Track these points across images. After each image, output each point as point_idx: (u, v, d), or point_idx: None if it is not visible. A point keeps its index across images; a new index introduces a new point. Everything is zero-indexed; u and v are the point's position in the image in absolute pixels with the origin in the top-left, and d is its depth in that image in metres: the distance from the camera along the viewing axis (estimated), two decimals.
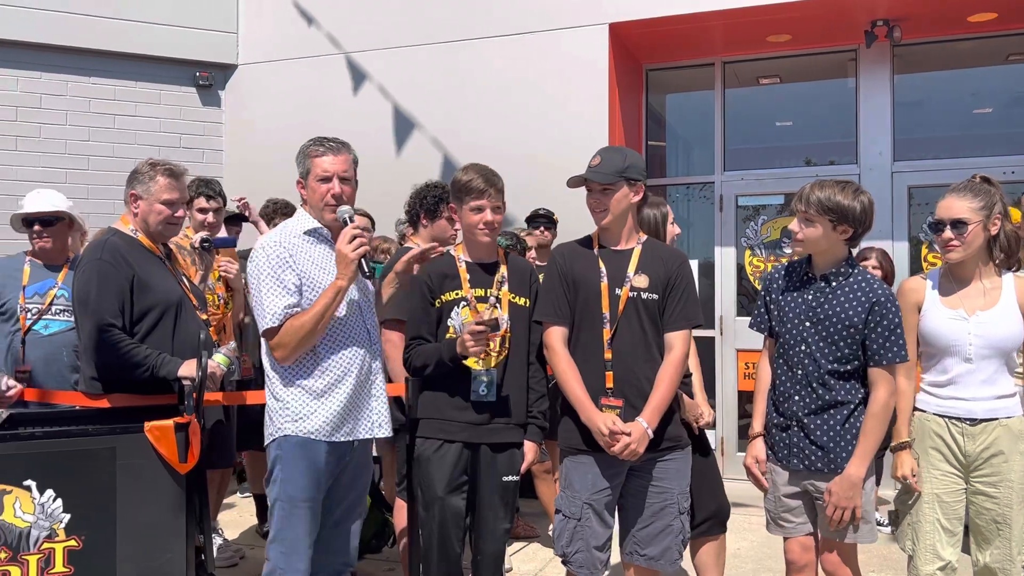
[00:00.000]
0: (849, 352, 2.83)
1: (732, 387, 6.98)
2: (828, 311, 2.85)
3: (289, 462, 2.82)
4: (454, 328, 3.06)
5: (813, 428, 2.86)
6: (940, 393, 2.96)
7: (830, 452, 2.84)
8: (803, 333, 2.89)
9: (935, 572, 2.90)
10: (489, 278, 3.13)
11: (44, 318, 3.98)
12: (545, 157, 6.35)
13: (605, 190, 2.94)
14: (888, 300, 2.82)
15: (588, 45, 6.46)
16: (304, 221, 2.99)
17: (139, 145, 7.07)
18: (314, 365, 2.87)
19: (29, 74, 6.79)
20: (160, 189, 3.37)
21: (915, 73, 6.93)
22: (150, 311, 3.27)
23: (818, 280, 2.91)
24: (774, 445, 3.00)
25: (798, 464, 2.91)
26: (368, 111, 6.94)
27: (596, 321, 2.92)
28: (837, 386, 2.84)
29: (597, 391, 2.89)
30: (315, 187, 2.95)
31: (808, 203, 2.82)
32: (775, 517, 3.03)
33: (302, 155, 2.98)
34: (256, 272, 2.88)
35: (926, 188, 6.58)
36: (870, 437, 2.80)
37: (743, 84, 7.34)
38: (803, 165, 7.18)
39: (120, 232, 3.41)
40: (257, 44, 7.40)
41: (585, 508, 2.89)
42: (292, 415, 2.83)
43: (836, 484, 2.81)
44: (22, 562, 2.72)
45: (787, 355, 2.94)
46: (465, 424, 3.03)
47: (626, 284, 2.93)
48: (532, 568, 4.68)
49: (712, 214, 7.17)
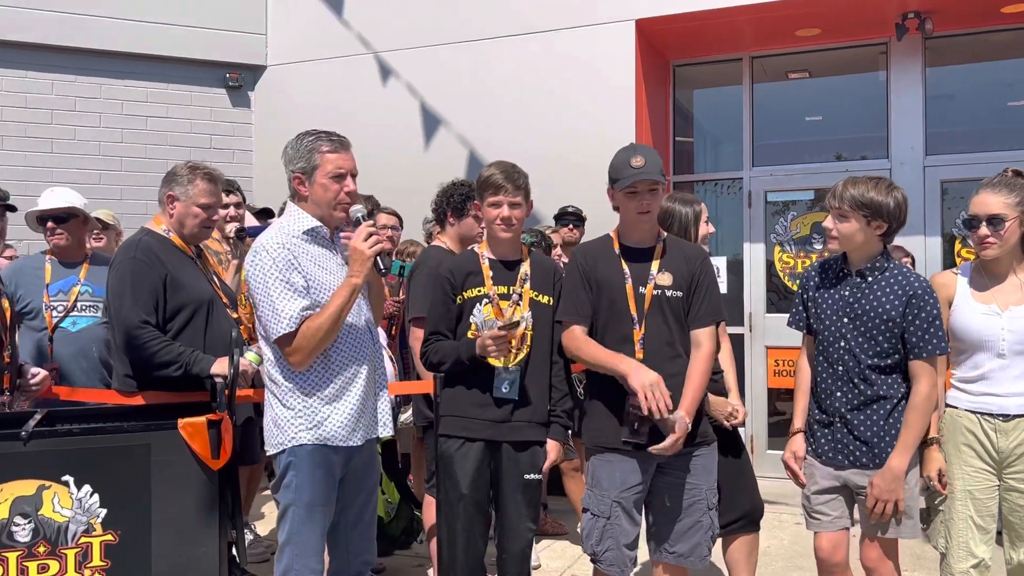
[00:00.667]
0: (888, 346, 2.82)
1: (762, 384, 6.93)
2: (865, 306, 2.85)
3: (304, 469, 2.77)
4: (475, 325, 3.07)
5: (856, 424, 2.86)
6: (972, 389, 2.92)
7: (874, 447, 2.84)
8: (842, 329, 2.89)
9: (968, 570, 2.87)
10: (512, 275, 3.13)
11: (71, 315, 4.04)
12: (572, 155, 6.35)
13: (653, 190, 2.92)
14: (926, 292, 2.81)
15: (614, 42, 6.45)
16: (303, 220, 2.85)
17: (171, 147, 7.17)
18: (325, 370, 2.79)
19: (64, 77, 6.91)
20: (199, 193, 3.43)
21: (947, 66, 6.83)
22: (182, 309, 3.31)
23: (854, 276, 2.91)
24: (816, 442, 2.99)
25: (843, 460, 2.90)
26: (396, 110, 6.98)
27: (624, 322, 2.91)
28: (879, 381, 2.84)
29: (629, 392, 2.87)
30: (326, 184, 2.81)
31: (842, 200, 2.84)
32: (811, 511, 3.02)
33: (305, 150, 2.82)
34: (262, 276, 2.74)
35: (959, 182, 6.49)
36: (912, 429, 2.79)
37: (771, 79, 7.28)
38: (833, 160, 7.11)
39: (153, 232, 3.46)
40: (285, 45, 7.47)
41: (614, 506, 2.89)
42: (306, 423, 2.76)
43: (879, 477, 2.80)
44: (61, 556, 2.77)
45: (827, 352, 2.94)
46: (487, 422, 3.04)
47: (650, 282, 2.93)
48: (560, 565, 4.69)
49: (741, 210, 7.12)
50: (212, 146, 7.34)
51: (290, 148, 2.87)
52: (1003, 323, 2.85)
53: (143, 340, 3.21)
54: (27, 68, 6.78)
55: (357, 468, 2.92)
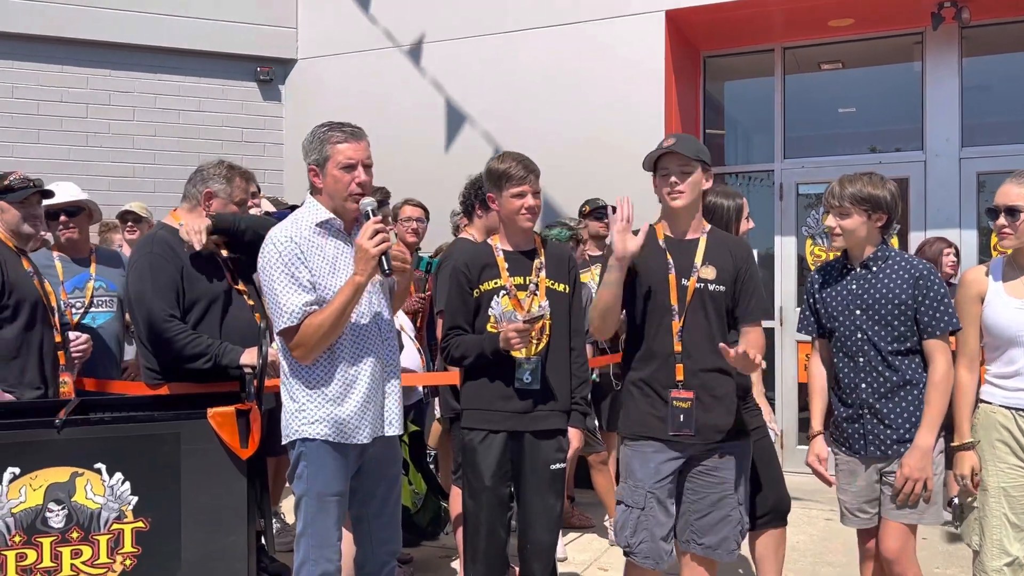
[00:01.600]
0: (905, 329, 2.88)
1: (792, 378, 6.87)
2: (875, 295, 2.92)
3: (314, 460, 2.78)
4: (494, 317, 3.07)
5: (886, 412, 2.89)
6: (1007, 385, 2.88)
7: (905, 434, 2.87)
8: (856, 321, 2.93)
9: (1002, 567, 2.84)
10: (528, 264, 3.14)
11: (91, 311, 4.09)
12: (601, 148, 6.33)
13: (684, 171, 2.89)
14: (930, 272, 2.90)
15: (644, 33, 6.41)
16: (316, 212, 2.84)
17: (203, 140, 7.25)
18: (329, 367, 2.78)
19: (99, 72, 7.01)
20: (238, 190, 3.51)
21: (984, 56, 6.70)
22: (198, 302, 3.35)
23: (858, 269, 2.99)
24: (847, 439, 3.00)
25: (875, 451, 2.93)
26: (425, 103, 6.99)
27: (664, 313, 2.90)
28: (903, 366, 2.88)
29: (666, 384, 2.88)
30: (337, 176, 2.79)
31: (842, 198, 2.96)
32: (853, 509, 3.03)
33: (317, 141, 2.83)
34: (268, 269, 2.74)
35: (996, 175, 6.36)
36: (934, 406, 2.84)
37: (804, 70, 7.19)
38: (866, 152, 7.01)
39: (168, 226, 3.50)
40: (316, 39, 7.51)
41: (649, 497, 2.87)
42: (309, 417, 2.77)
43: (908, 456, 2.83)
44: (93, 542, 2.82)
45: (845, 347, 2.97)
46: (509, 413, 3.04)
47: (693, 275, 2.91)
48: (587, 558, 4.69)
49: (772, 203, 7.05)
50: (243, 139, 7.41)
51: (306, 141, 2.88)
52: None
53: (172, 334, 3.25)
54: (64, 63, 6.88)
55: (374, 459, 2.91)
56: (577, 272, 3.26)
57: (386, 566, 2.99)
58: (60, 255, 4.16)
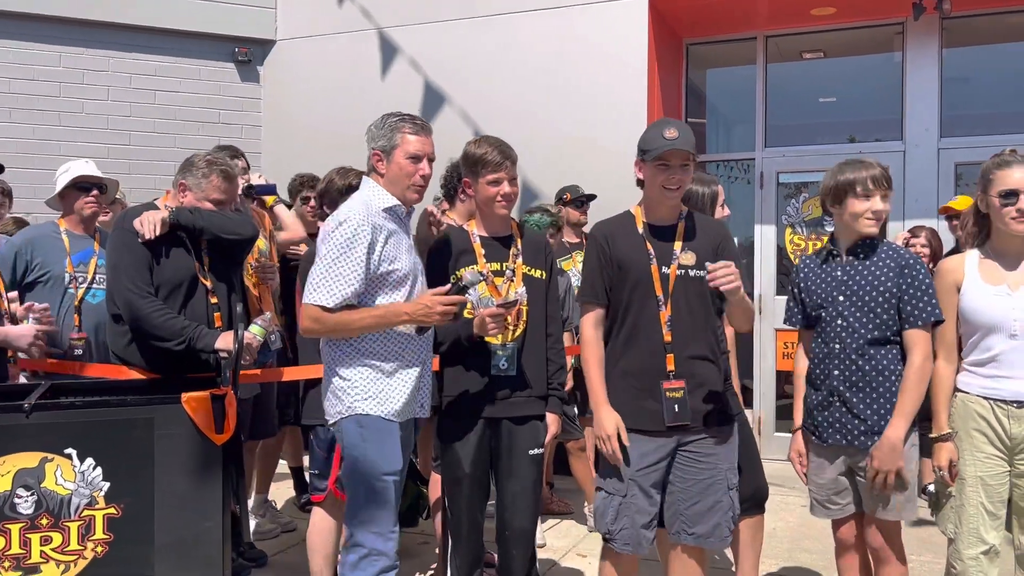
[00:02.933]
0: (888, 317, 2.87)
1: (770, 366, 6.90)
2: (860, 282, 2.91)
3: (373, 440, 2.77)
4: (471, 304, 3.05)
5: (856, 402, 2.88)
6: (983, 373, 2.88)
7: (873, 425, 2.86)
8: (838, 307, 2.93)
9: (978, 555, 2.85)
10: (504, 251, 3.12)
11: (92, 287, 4.03)
12: (582, 133, 6.30)
13: (685, 166, 2.86)
14: (916, 262, 2.89)
15: (627, 19, 6.37)
16: (383, 197, 2.89)
17: (179, 121, 7.14)
18: (400, 345, 2.84)
19: (72, 50, 6.87)
20: (212, 188, 3.42)
21: (964, 47, 6.73)
22: (161, 286, 3.31)
23: (845, 256, 2.98)
24: (816, 427, 2.98)
25: (840, 439, 2.91)
26: (405, 86, 6.92)
27: (650, 303, 2.87)
28: (878, 356, 2.87)
29: (658, 375, 2.84)
30: (403, 164, 2.86)
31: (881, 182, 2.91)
32: (822, 500, 3.02)
33: (388, 128, 2.88)
34: (336, 245, 2.74)
35: (974, 165, 6.40)
36: (907, 397, 2.82)
37: (786, 59, 7.19)
38: (846, 142, 7.03)
39: (151, 206, 3.46)
40: (295, 19, 7.41)
41: (631, 484, 2.86)
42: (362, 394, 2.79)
43: (877, 447, 2.82)
44: (64, 528, 2.78)
45: (824, 332, 2.97)
46: (486, 400, 3.03)
47: (673, 262, 2.89)
48: (566, 544, 4.69)
49: (753, 191, 7.06)
50: (221, 120, 7.31)
51: (374, 127, 2.92)
52: (1014, 303, 2.81)
53: (149, 309, 3.20)
54: (34, 40, 6.74)
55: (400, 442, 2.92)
56: (554, 258, 3.27)
57: None
58: (67, 229, 4.09)
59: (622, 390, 2.90)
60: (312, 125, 7.13)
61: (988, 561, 2.84)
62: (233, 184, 3.49)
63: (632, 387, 2.87)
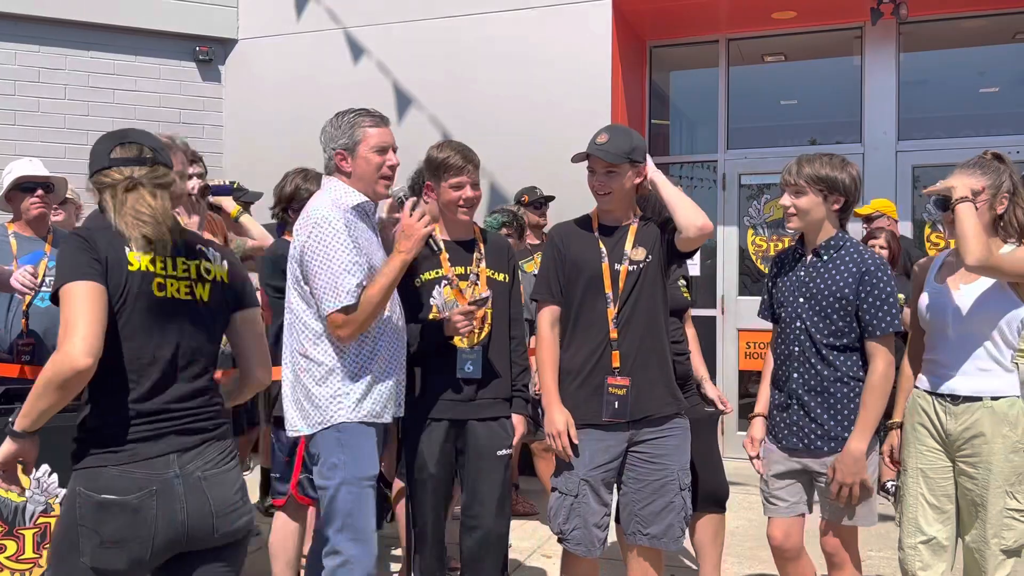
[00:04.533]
0: (843, 324, 2.83)
1: (733, 367, 6.97)
2: (820, 285, 2.86)
3: (352, 445, 2.72)
4: (436, 307, 3.05)
5: (814, 407, 2.86)
6: (928, 368, 2.94)
7: (831, 431, 2.84)
8: (798, 310, 2.90)
9: (917, 545, 2.88)
10: (468, 256, 3.13)
11: (40, 291, 3.95)
12: (546, 134, 6.31)
13: (610, 172, 2.89)
14: (879, 270, 2.81)
15: (591, 21, 6.40)
16: (351, 195, 2.85)
17: (139, 120, 7.01)
18: (369, 346, 2.78)
19: (27, 48, 6.74)
20: None
21: (921, 51, 6.86)
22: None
23: (809, 256, 2.93)
24: (775, 426, 2.99)
25: (797, 443, 2.90)
26: (368, 87, 6.88)
27: (599, 301, 2.91)
28: (837, 362, 2.84)
29: (603, 371, 2.89)
30: (370, 158, 2.83)
31: (798, 176, 2.89)
32: (768, 496, 3.03)
33: (347, 125, 2.84)
34: (325, 246, 2.69)
35: (930, 168, 6.53)
36: (869, 410, 2.79)
37: (748, 62, 7.27)
38: (807, 144, 7.13)
39: None
40: (257, 18, 7.34)
41: (582, 484, 2.88)
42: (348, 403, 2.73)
43: (839, 461, 2.80)
44: (18, 536, 2.72)
45: (784, 334, 2.96)
46: (452, 402, 3.03)
47: (625, 260, 2.92)
48: (530, 545, 4.69)
49: (715, 193, 7.13)
50: (182, 120, 7.21)
51: (330, 127, 2.88)
52: (953, 301, 2.85)
53: None
54: None
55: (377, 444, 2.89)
56: (516, 261, 3.29)
57: None
58: (16, 231, 3.99)
59: (571, 386, 2.93)
60: (275, 125, 7.07)
61: (929, 552, 2.86)
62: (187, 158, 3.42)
63: (580, 383, 2.91)
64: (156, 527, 1.99)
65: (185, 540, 2.04)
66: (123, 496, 1.96)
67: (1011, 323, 2.80)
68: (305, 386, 2.76)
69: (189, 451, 2.07)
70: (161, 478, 2.01)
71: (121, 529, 1.96)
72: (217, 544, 2.09)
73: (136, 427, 2.02)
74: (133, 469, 1.99)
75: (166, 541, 2.01)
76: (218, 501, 2.08)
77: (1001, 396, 2.79)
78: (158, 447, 2.02)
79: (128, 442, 2.00)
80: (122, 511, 1.96)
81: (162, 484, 2.01)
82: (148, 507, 1.98)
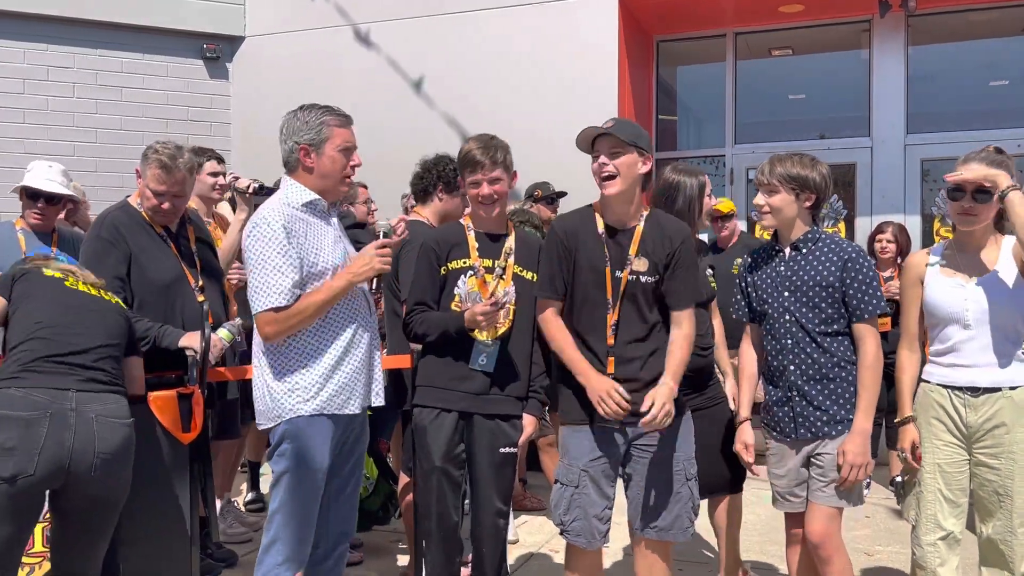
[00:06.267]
0: (832, 311, 2.90)
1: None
2: (803, 276, 2.93)
3: (300, 438, 2.73)
4: (459, 297, 3.04)
5: (815, 394, 2.91)
6: (942, 362, 2.95)
7: (836, 415, 2.90)
8: (784, 303, 2.95)
9: (936, 542, 2.90)
10: (497, 248, 3.11)
11: None
12: (553, 130, 6.30)
13: (615, 152, 2.84)
14: (860, 256, 2.92)
15: (598, 16, 6.39)
16: (301, 193, 2.83)
17: (146, 118, 7.06)
18: (323, 336, 2.78)
19: (35, 46, 6.77)
20: (150, 178, 3.34)
21: (930, 45, 6.83)
22: (147, 286, 3.27)
23: (788, 251, 2.99)
24: (778, 423, 3.01)
25: (805, 433, 2.93)
26: (375, 83, 6.90)
27: (599, 305, 2.87)
28: (832, 347, 2.90)
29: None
30: (335, 157, 2.82)
31: (770, 175, 2.96)
32: (784, 493, 3.05)
33: (315, 123, 2.82)
34: (260, 246, 2.71)
35: (939, 161, 6.50)
36: (869, 390, 2.88)
37: (755, 56, 7.25)
38: (815, 138, 7.10)
39: (127, 206, 3.42)
40: (264, 16, 7.35)
41: (582, 475, 2.86)
42: (304, 395, 2.73)
43: (849, 443, 2.85)
44: None
45: (774, 329, 2.99)
46: (463, 394, 3.02)
47: (627, 267, 2.88)
48: (539, 540, 4.69)
49: (723, 188, 7.11)
50: (189, 118, 7.24)
51: (295, 121, 2.85)
52: (967, 294, 2.88)
53: None
54: None
55: (348, 439, 2.90)
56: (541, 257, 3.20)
57: (338, 547, 2.96)
58: (23, 228, 4.05)
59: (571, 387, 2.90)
60: None
61: (946, 547, 2.89)
62: (173, 175, 3.35)
63: (576, 386, 2.87)
64: (44, 444, 2.43)
65: (68, 466, 2.46)
66: (19, 412, 2.44)
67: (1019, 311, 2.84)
68: (265, 381, 2.78)
69: (89, 393, 2.56)
70: (58, 406, 2.49)
71: (12, 439, 2.41)
72: (93, 494, 2.52)
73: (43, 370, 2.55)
74: (35, 393, 2.49)
75: (50, 461, 2.43)
76: (104, 444, 2.52)
77: (1019, 385, 2.84)
78: (63, 382, 2.54)
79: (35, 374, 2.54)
80: (16, 424, 2.42)
81: (58, 410, 2.49)
82: (40, 425, 2.44)
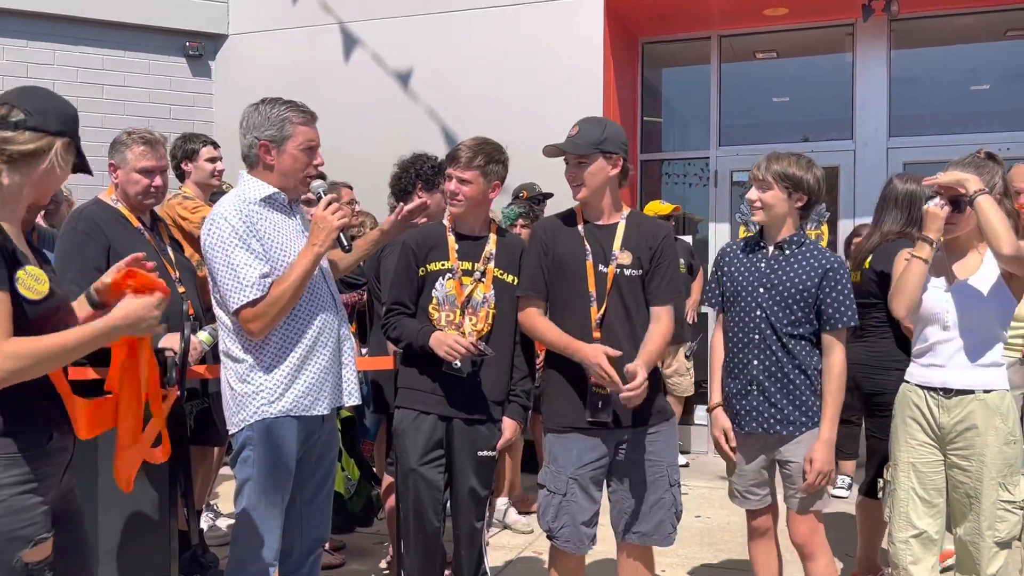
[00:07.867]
0: (802, 315, 2.94)
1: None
2: (782, 276, 2.96)
3: (263, 443, 2.68)
4: (437, 299, 3.03)
5: (773, 391, 2.95)
6: (921, 362, 3.01)
7: (789, 416, 2.93)
8: (758, 299, 2.98)
9: (908, 539, 2.94)
10: (477, 251, 3.10)
11: None
12: (538, 131, 6.24)
13: (580, 162, 2.88)
14: (840, 267, 2.96)
15: (583, 17, 6.38)
16: (260, 187, 2.77)
17: (128, 116, 6.97)
18: (287, 337, 2.70)
19: (14, 43, 6.69)
20: (135, 157, 3.35)
21: (912, 48, 6.87)
22: None
23: (771, 249, 3.02)
24: (735, 415, 3.05)
25: (757, 427, 2.98)
26: (360, 83, 6.86)
27: (583, 300, 2.88)
28: (796, 349, 2.94)
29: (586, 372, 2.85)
30: (297, 156, 2.76)
31: (766, 171, 2.99)
32: (742, 491, 3.09)
33: (277, 119, 2.74)
34: (221, 244, 2.64)
35: (921, 164, 6.53)
36: (836, 399, 2.92)
37: (739, 58, 7.27)
38: (799, 141, 7.13)
39: (100, 201, 3.42)
40: (247, 13, 7.30)
41: (570, 483, 2.86)
42: (269, 396, 2.67)
43: (818, 451, 2.89)
44: None
45: (743, 322, 3.01)
46: (441, 397, 3.02)
47: (612, 262, 2.89)
48: (521, 542, 4.69)
49: (707, 189, 7.13)
50: (171, 116, 7.17)
51: (256, 115, 2.77)
52: (948, 296, 2.92)
53: None
54: None
55: (317, 443, 2.84)
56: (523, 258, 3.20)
57: (312, 552, 2.93)
58: None
59: (556, 388, 2.91)
60: None
61: (920, 546, 2.92)
62: (157, 150, 3.39)
63: (565, 385, 2.88)
64: None
65: None
66: None
67: (1004, 318, 2.89)
68: (230, 384, 2.72)
69: None
70: None
71: None
72: None
73: None
74: None
75: None
76: None
77: (992, 389, 2.87)
78: None
79: None
80: None
81: None
82: None
